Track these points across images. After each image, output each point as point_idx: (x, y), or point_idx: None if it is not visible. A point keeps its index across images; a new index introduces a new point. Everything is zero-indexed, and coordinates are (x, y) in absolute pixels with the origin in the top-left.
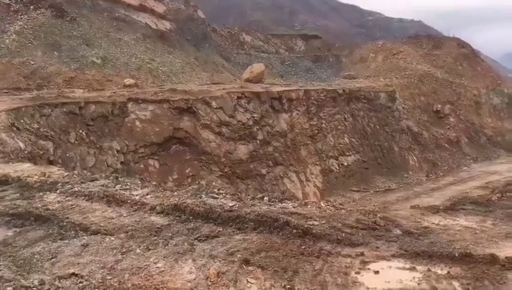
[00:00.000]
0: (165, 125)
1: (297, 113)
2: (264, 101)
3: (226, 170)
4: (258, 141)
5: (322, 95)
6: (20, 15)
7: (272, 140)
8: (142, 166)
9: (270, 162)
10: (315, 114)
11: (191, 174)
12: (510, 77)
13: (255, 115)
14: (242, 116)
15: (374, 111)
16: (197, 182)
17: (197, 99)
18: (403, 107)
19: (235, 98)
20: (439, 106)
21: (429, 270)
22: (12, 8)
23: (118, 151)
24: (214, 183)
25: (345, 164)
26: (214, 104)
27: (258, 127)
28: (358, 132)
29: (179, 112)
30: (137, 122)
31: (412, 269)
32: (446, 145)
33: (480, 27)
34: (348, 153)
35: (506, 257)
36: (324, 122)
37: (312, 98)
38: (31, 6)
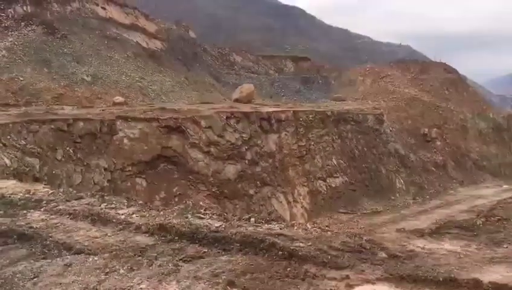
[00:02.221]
0: (153, 144)
1: (286, 134)
2: (253, 122)
3: (213, 190)
4: (247, 161)
5: (310, 116)
6: (11, 31)
7: (260, 160)
8: (129, 184)
9: (258, 182)
10: (304, 135)
11: (178, 193)
12: (495, 102)
13: (244, 135)
14: (231, 136)
15: (362, 133)
16: (184, 202)
17: (186, 118)
18: (391, 130)
19: (224, 117)
20: (426, 129)
21: None
22: (3, 24)
23: (105, 169)
24: (201, 203)
25: (333, 185)
26: (203, 123)
27: (246, 147)
28: (346, 153)
29: (168, 131)
30: (126, 140)
31: None
32: (433, 168)
33: (466, 53)
34: (335, 175)
35: (489, 282)
36: (312, 143)
37: (301, 119)
38: (22, 23)
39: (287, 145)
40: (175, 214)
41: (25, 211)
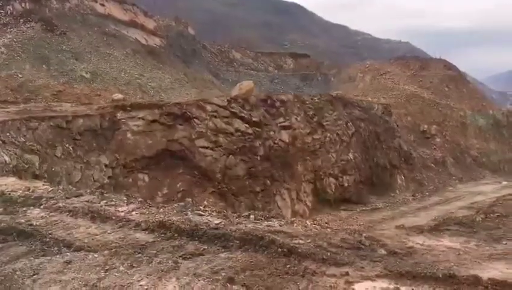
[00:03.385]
0: (158, 137)
1: (296, 119)
2: (256, 106)
3: (219, 187)
4: (258, 157)
5: (316, 98)
6: (10, 28)
7: (270, 154)
8: (130, 180)
9: (266, 179)
10: (316, 121)
11: (181, 189)
12: (495, 99)
13: (255, 119)
14: (240, 124)
15: (374, 124)
16: (186, 198)
17: (191, 104)
18: (397, 125)
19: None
20: (425, 126)
21: None
22: (2, 21)
23: (106, 165)
24: (205, 202)
25: (345, 185)
26: (208, 108)
27: (260, 142)
28: (360, 145)
29: (173, 119)
30: (129, 135)
31: (396, 289)
32: (432, 165)
33: (466, 49)
34: (350, 172)
35: (489, 278)
36: (329, 134)
37: (307, 102)
38: (21, 20)
39: (301, 136)
40: (175, 211)
41: (24, 208)
